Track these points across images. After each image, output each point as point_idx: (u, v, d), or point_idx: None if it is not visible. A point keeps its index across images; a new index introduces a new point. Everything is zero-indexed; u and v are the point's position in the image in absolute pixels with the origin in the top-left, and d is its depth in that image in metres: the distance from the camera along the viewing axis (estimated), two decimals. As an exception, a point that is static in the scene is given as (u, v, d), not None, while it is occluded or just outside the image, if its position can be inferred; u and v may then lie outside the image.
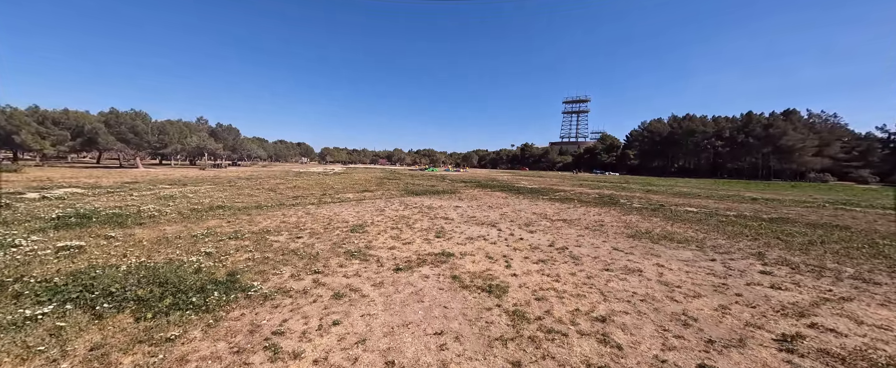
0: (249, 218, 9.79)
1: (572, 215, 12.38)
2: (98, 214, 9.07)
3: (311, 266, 5.59)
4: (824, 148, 61.00)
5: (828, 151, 60.83)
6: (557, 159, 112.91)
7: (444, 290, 4.81)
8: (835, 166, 60.77)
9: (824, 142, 61.27)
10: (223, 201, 13.25)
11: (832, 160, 60.68)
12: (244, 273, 5.06)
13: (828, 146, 60.95)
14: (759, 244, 8.20)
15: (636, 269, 5.99)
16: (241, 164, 68.64)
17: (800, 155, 61.25)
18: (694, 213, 13.41)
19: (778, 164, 65.72)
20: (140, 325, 3.48)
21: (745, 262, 6.60)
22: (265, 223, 9.12)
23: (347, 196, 16.64)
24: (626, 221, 11.19)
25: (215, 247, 6.45)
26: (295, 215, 10.66)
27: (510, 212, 12.69)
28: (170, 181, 22.29)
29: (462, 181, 31.99)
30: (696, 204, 16.81)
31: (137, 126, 36.49)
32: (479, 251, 6.92)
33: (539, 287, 5.00)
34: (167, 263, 5.26)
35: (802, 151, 60.78)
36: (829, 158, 60.64)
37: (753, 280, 5.53)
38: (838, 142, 61.81)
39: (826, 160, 60.42)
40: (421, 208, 12.95)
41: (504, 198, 17.88)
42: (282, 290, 4.55)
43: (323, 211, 11.59)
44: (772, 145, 63.68)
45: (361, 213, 11.48)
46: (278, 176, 32.38)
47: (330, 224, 9.27)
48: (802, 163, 61.63)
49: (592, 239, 8.35)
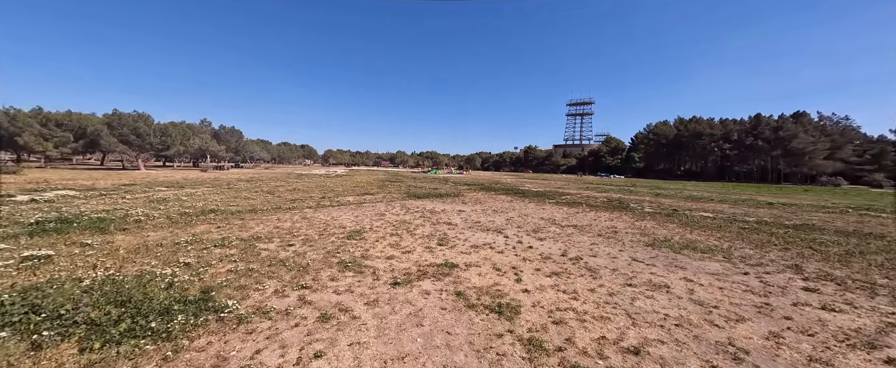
0: (242, 223, 9.25)
1: (582, 220, 11.72)
2: (81, 218, 8.57)
3: (298, 280, 5.01)
4: (836, 151, 59.67)
5: (839, 154, 59.50)
6: (561, 161, 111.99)
7: (446, 310, 4.21)
8: (847, 170, 59.41)
9: (836, 145, 59.93)
10: (218, 204, 12.75)
11: (844, 164, 59.35)
12: (221, 289, 4.48)
13: (839, 149, 59.63)
14: (791, 254, 7.50)
15: (663, 284, 5.34)
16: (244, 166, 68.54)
17: (810, 158, 59.97)
18: (711, 219, 12.69)
19: (787, 167, 64.44)
20: (83, 358, 2.91)
21: (782, 276, 5.92)
22: (257, 229, 8.57)
23: (347, 199, 16.09)
24: (640, 227, 10.52)
25: (197, 256, 5.89)
26: (290, 219, 10.11)
27: (516, 217, 12.06)
28: (168, 183, 21.89)
29: (465, 184, 31.38)
30: (711, 209, 16.06)
31: (140, 128, 36.33)
32: (485, 262, 6.31)
33: (555, 307, 4.38)
34: (137, 277, 4.70)
35: (813, 154, 59.50)
36: (841, 161, 59.31)
37: (799, 300, 4.86)
38: (850, 145, 60.52)
39: (838, 164, 59.10)
40: (423, 213, 12.36)
41: (509, 202, 17.24)
42: (261, 310, 3.97)
43: (320, 215, 11.03)
44: (781, 147, 62.44)
45: (360, 217, 10.91)
46: (279, 178, 31.97)
47: (326, 230, 8.70)
48: (813, 166, 60.32)
49: (608, 248, 7.70)
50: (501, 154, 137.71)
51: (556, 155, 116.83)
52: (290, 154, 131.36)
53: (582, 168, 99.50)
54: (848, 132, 62.25)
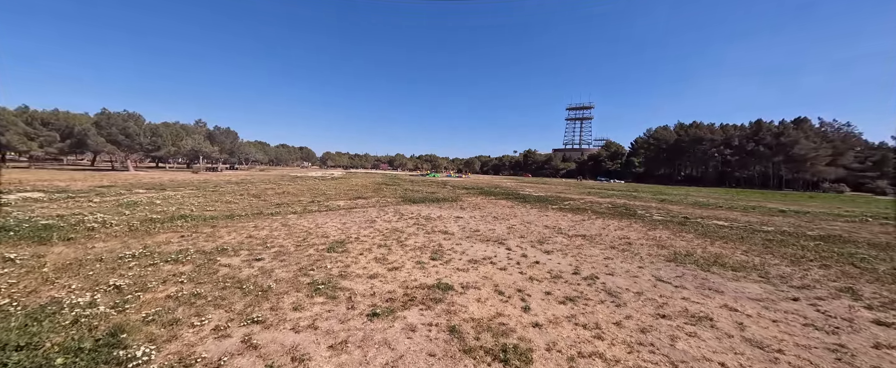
0: (211, 231, 8.23)
1: (590, 229, 10.75)
2: (22, 226, 7.53)
3: (252, 310, 4.01)
4: (838, 157, 59.08)
5: (841, 160, 58.92)
6: (561, 165, 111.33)
7: (436, 357, 3.22)
8: (849, 177, 58.81)
9: (838, 151, 59.37)
10: (193, 209, 11.72)
11: (846, 170, 58.76)
12: (142, 328, 3.46)
13: (842, 156, 59.07)
14: (834, 272, 6.55)
15: (702, 315, 4.37)
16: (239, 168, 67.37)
17: (812, 164, 59.37)
18: (727, 228, 11.75)
19: (789, 173, 63.85)
20: None
21: (840, 304, 4.96)
22: (227, 238, 7.57)
23: (338, 204, 15.09)
24: (655, 238, 9.56)
25: (136, 276, 4.88)
26: (269, 227, 9.10)
27: (519, 225, 11.09)
28: (150, 185, 20.83)
29: (464, 188, 30.42)
30: (723, 216, 15.14)
31: (129, 128, 35.19)
32: (485, 282, 5.32)
33: (577, 350, 3.40)
34: (39, 308, 3.68)
35: (815, 160, 58.91)
36: (843, 167, 58.72)
37: (878, 338, 3.90)
38: (852, 151, 59.98)
39: (840, 170, 58.49)
40: (417, 220, 11.37)
41: (510, 207, 16.28)
42: (183, 362, 2.96)
43: (303, 222, 10.03)
44: (783, 153, 61.87)
45: (347, 225, 9.91)
46: (272, 181, 30.91)
47: (305, 240, 7.70)
48: (816, 173, 59.73)
49: (624, 263, 6.73)
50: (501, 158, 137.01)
51: (555, 159, 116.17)
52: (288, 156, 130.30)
53: (582, 172, 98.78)
54: (849, 138, 61.78)
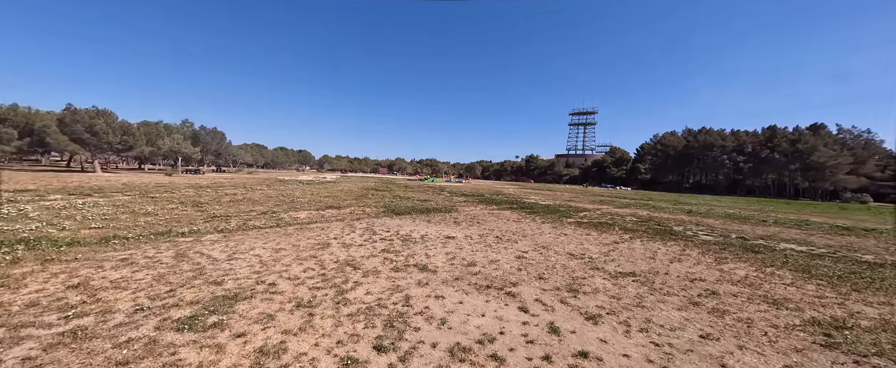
0: (31, 270, 5.05)
1: (635, 259, 7.52)
2: None
3: None
4: (859, 166, 55.85)
5: (862, 169, 55.67)
6: (564, 171, 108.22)
7: None
8: (870, 186, 55.50)
9: (859, 159, 56.15)
10: (82, 224, 8.55)
11: (867, 179, 55.48)
12: None
13: (863, 164, 55.83)
14: None
15: None
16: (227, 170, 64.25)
17: (832, 173, 56.08)
18: (818, 258, 8.52)
19: (804, 182, 60.58)
20: None
21: None
22: (31, 288, 4.39)
23: (298, 216, 11.89)
24: (741, 280, 6.34)
25: None
26: (147, 260, 5.92)
27: (532, 251, 7.87)
28: (91, 189, 17.67)
29: (463, 195, 27.21)
30: (788, 237, 11.90)
31: (96, 126, 32.10)
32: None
33: None
34: None
35: (835, 168, 55.63)
36: (865, 176, 55.45)
37: None
38: (873, 159, 56.77)
39: (862, 179, 55.20)
40: (390, 243, 8.16)
41: (516, 221, 13.04)
42: None
43: (213, 249, 6.83)
44: (800, 161, 58.65)
45: (280, 254, 6.71)
46: (248, 185, 27.75)
47: (172, 293, 4.51)
48: (835, 182, 56.43)
49: (747, 355, 3.52)
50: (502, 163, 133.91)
51: (558, 165, 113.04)
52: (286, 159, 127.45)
53: (586, 179, 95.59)
54: (871, 146, 58.58)
